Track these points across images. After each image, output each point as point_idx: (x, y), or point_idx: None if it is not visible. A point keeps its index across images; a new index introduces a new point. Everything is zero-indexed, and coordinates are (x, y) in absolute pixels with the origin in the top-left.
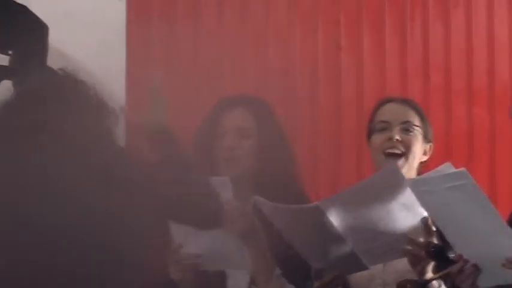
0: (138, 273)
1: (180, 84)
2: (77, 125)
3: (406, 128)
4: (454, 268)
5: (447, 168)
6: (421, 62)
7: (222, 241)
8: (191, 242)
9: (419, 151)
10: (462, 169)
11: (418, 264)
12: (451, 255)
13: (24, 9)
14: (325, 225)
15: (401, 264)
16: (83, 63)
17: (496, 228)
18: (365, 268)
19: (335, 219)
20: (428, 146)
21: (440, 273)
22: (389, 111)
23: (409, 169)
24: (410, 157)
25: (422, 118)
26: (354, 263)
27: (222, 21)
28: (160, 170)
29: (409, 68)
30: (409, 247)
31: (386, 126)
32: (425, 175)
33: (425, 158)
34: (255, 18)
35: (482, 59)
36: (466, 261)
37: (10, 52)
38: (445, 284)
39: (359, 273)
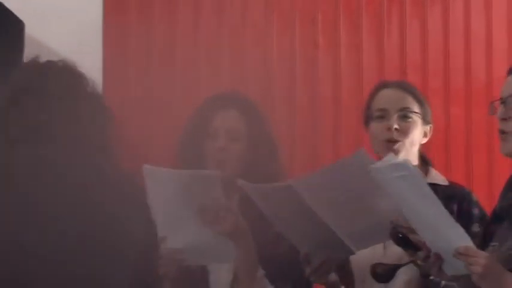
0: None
1: (156, 81)
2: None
3: (404, 115)
4: (420, 255)
5: (391, 158)
6: (398, 60)
7: (205, 235)
8: (174, 237)
9: (418, 136)
10: (403, 160)
11: (398, 242)
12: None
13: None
14: (302, 206)
15: (397, 247)
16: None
17: (442, 218)
18: (352, 253)
19: (310, 199)
20: (428, 127)
21: (411, 259)
22: (387, 98)
23: (407, 154)
24: (408, 143)
25: (420, 101)
26: (340, 247)
27: (199, 18)
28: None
29: (386, 66)
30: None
31: (384, 114)
32: (375, 164)
33: (425, 140)
34: (232, 16)
35: (459, 58)
36: (429, 249)
37: None
38: (421, 269)
39: (361, 258)
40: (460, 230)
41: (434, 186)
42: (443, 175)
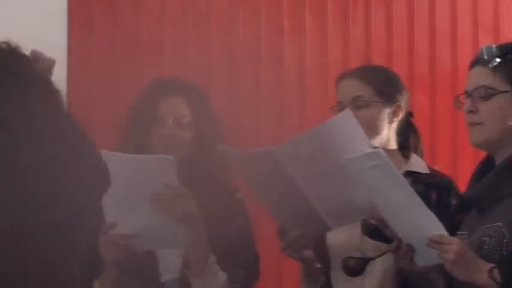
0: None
1: (121, 68)
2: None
3: (358, 105)
4: (391, 247)
5: (363, 148)
6: (363, 47)
7: (156, 221)
8: (125, 222)
9: (379, 121)
10: (378, 149)
11: (368, 233)
12: (388, 234)
13: None
14: (281, 174)
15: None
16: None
17: (415, 207)
18: (328, 229)
19: (290, 167)
20: (394, 106)
21: (382, 252)
22: (341, 90)
23: (375, 142)
24: (370, 133)
25: (376, 85)
26: (317, 221)
27: (165, 5)
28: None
29: (351, 53)
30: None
31: (341, 107)
32: (347, 155)
33: (396, 119)
34: (197, 2)
35: (424, 45)
36: (401, 240)
37: None
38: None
39: (338, 244)
40: (434, 219)
41: (414, 174)
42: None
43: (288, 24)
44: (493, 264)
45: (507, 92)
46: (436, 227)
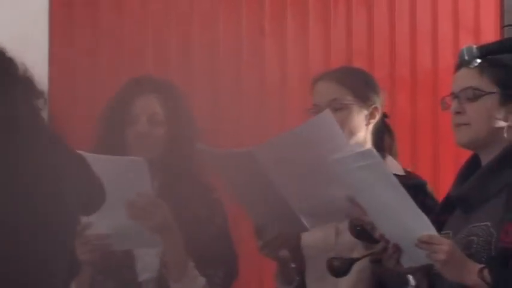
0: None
1: (102, 69)
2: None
3: (334, 107)
4: (377, 248)
5: (354, 147)
6: (345, 48)
7: (129, 222)
8: (100, 222)
9: (356, 123)
10: (369, 148)
11: (356, 235)
12: (375, 235)
13: None
14: (260, 174)
15: (351, 236)
16: (6, 48)
17: (405, 207)
18: (305, 229)
19: (268, 168)
20: (370, 108)
21: (368, 252)
22: (317, 93)
23: (352, 143)
24: (347, 134)
25: (355, 87)
26: (294, 222)
27: (146, 5)
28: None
29: (332, 54)
30: (351, 212)
31: (317, 110)
32: (335, 155)
33: (373, 121)
34: (179, 2)
35: (405, 47)
36: (388, 241)
37: None
38: (373, 262)
39: (313, 244)
40: (424, 219)
41: None
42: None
43: (269, 25)
44: (482, 265)
45: (494, 93)
46: (425, 228)
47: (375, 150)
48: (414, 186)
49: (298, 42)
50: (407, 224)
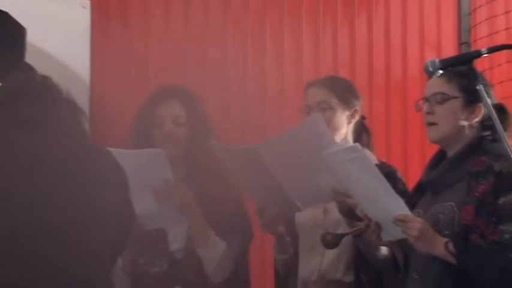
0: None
1: (134, 77)
2: (58, 120)
3: (323, 108)
4: (361, 225)
5: (344, 144)
6: (331, 61)
7: (153, 203)
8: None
9: (339, 121)
10: (356, 144)
11: (344, 214)
12: (359, 213)
13: (5, 15)
14: (261, 166)
15: (338, 215)
16: (52, 60)
17: (385, 192)
18: (299, 210)
19: (268, 162)
20: (351, 110)
21: (354, 229)
22: (309, 96)
23: (336, 138)
24: (332, 130)
25: (338, 92)
26: (289, 204)
27: (168, 24)
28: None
29: (321, 65)
30: (336, 195)
31: (309, 110)
32: (328, 150)
33: (353, 120)
34: (195, 23)
35: (381, 61)
36: (370, 219)
37: None
38: (356, 237)
39: (305, 221)
40: (400, 201)
41: None
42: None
43: (270, 42)
44: (448, 239)
45: (458, 97)
46: (401, 208)
47: (360, 146)
48: (387, 174)
49: (293, 56)
50: (387, 205)
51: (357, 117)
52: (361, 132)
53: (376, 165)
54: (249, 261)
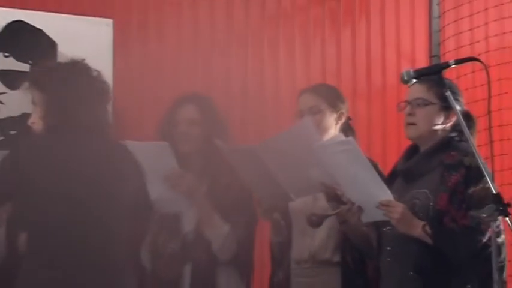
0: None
1: (151, 84)
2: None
3: (313, 111)
4: (344, 208)
5: (336, 137)
6: (320, 70)
7: (165, 189)
8: (152, 191)
9: (328, 123)
10: (349, 138)
11: (330, 200)
12: (344, 199)
13: (40, 31)
14: (259, 163)
15: (325, 202)
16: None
17: (371, 180)
18: (292, 199)
19: (266, 159)
20: (338, 113)
21: (336, 211)
22: (301, 101)
23: (325, 138)
24: (322, 131)
25: (326, 97)
26: (283, 195)
27: (180, 40)
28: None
29: (312, 74)
30: (323, 187)
31: (302, 114)
32: (323, 142)
33: (340, 122)
34: (203, 37)
35: (363, 69)
36: (353, 203)
37: (30, 62)
38: (339, 219)
39: (297, 208)
40: (385, 188)
41: None
42: None
43: (267, 54)
44: (425, 222)
45: (436, 104)
46: (385, 194)
47: (353, 139)
48: None
49: (288, 67)
50: (372, 191)
51: (343, 119)
52: (347, 131)
53: None
54: (255, 243)
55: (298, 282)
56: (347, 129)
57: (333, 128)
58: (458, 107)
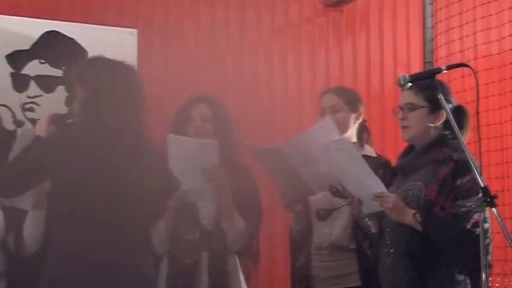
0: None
1: (171, 87)
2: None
3: (334, 110)
4: (346, 201)
5: (333, 136)
6: (324, 75)
7: (199, 184)
8: (184, 183)
9: (347, 122)
10: (344, 136)
11: (334, 195)
12: (346, 193)
13: (72, 40)
14: (283, 160)
15: (330, 197)
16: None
17: (366, 175)
18: (313, 193)
19: (289, 157)
20: (357, 113)
21: (342, 205)
22: (324, 100)
23: (343, 133)
24: (342, 127)
25: (347, 99)
26: (306, 188)
27: (198, 47)
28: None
29: (317, 79)
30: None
31: (324, 112)
32: (323, 141)
33: (358, 121)
34: (219, 46)
35: (363, 75)
36: (354, 197)
37: (63, 68)
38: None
39: (318, 200)
40: (378, 181)
41: (367, 157)
42: None
43: (276, 61)
44: (415, 211)
45: (424, 106)
46: (379, 187)
47: (346, 138)
48: (383, 163)
49: (295, 71)
50: (368, 185)
51: (361, 119)
52: (363, 131)
53: (375, 157)
54: (260, 236)
55: (318, 265)
56: (363, 129)
57: (351, 127)
58: (449, 105)
